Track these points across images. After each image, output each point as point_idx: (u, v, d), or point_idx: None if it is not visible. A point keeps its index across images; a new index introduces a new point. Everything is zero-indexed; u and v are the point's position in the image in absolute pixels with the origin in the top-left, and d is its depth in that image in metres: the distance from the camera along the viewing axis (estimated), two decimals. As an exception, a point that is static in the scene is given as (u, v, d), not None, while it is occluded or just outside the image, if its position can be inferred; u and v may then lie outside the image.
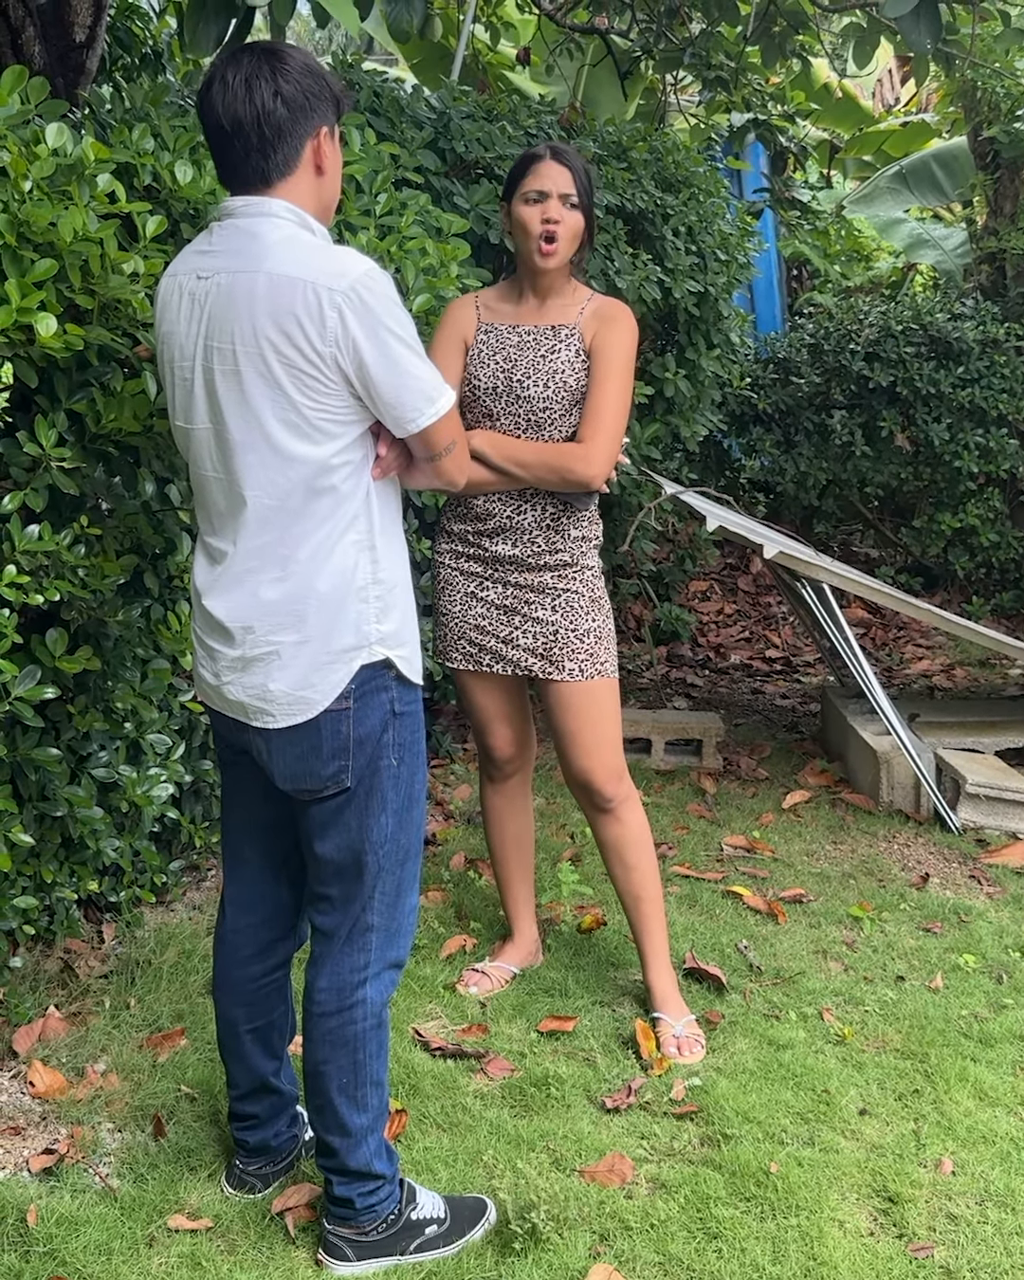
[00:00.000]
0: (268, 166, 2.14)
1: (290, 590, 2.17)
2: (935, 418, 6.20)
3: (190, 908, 3.63)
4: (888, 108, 10.49)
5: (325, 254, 2.13)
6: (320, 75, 2.17)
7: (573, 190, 2.95)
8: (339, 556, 2.17)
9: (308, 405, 2.11)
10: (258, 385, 2.11)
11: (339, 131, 2.27)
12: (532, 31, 7.53)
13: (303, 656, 2.19)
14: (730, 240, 5.02)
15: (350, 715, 2.21)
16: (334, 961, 2.34)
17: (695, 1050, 3.05)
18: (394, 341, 2.11)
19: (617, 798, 3.12)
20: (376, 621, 2.22)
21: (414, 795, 2.33)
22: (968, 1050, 3.08)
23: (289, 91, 2.12)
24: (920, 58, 4.72)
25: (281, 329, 2.08)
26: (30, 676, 2.50)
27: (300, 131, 2.14)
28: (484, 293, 3.15)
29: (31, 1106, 2.80)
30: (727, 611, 6.99)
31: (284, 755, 2.26)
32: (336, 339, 2.07)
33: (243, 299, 2.10)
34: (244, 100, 2.10)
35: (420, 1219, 2.43)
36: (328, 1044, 2.34)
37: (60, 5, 4.11)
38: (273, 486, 2.15)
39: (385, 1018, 2.39)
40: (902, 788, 4.51)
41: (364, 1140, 2.37)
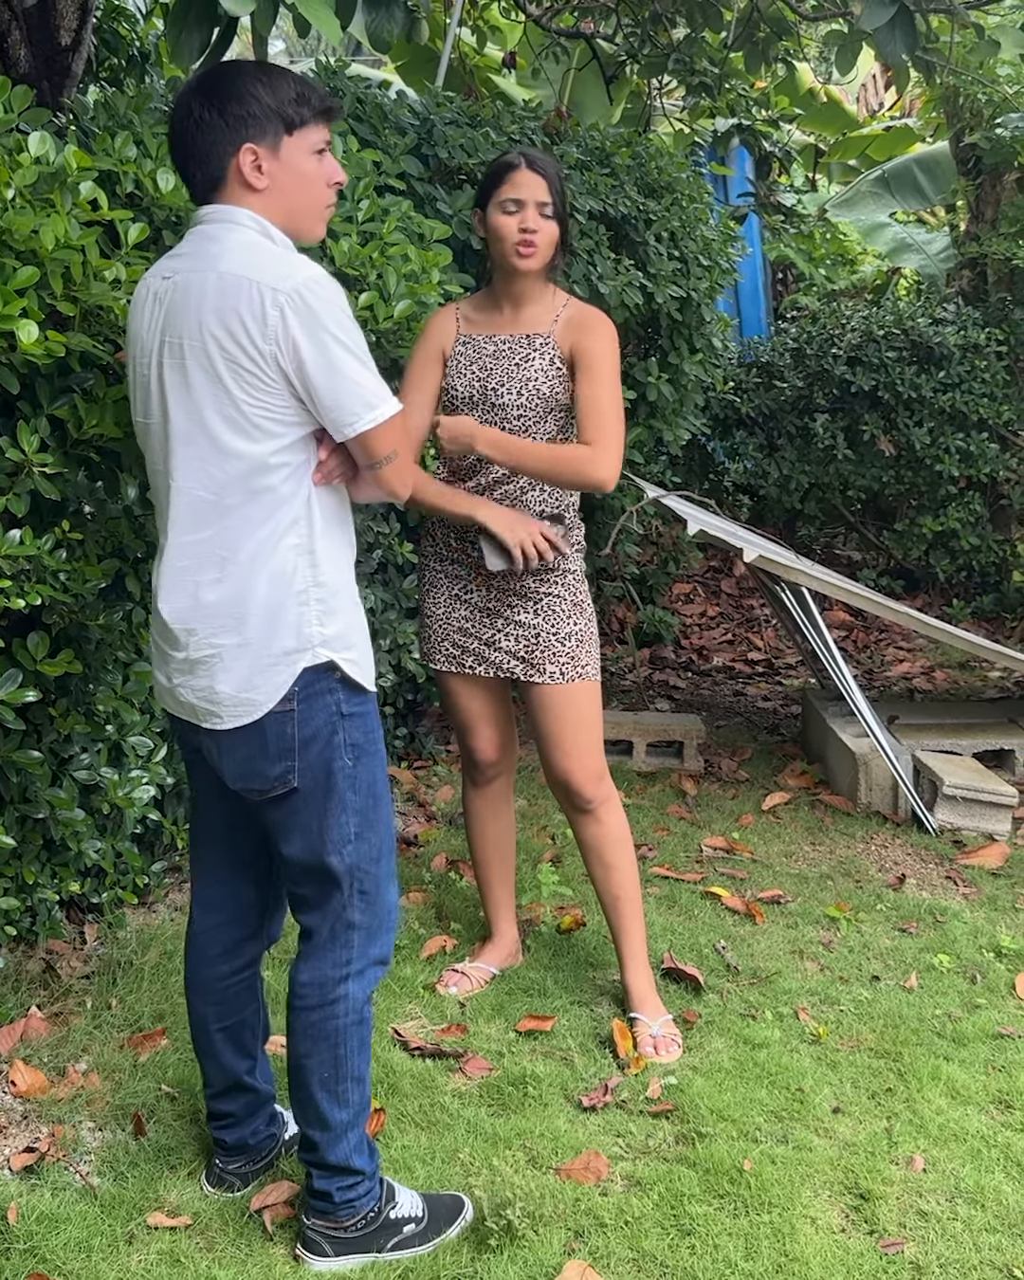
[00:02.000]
0: (193, 183, 2.26)
1: (229, 593, 2.21)
2: (917, 422, 6.25)
3: (172, 909, 3.65)
4: (872, 112, 10.54)
5: (277, 258, 2.18)
6: (250, 97, 2.20)
7: (549, 199, 2.96)
8: (278, 559, 2.20)
9: (247, 401, 2.15)
10: (201, 379, 2.16)
11: (320, 145, 2.27)
12: (518, 36, 7.57)
13: (245, 659, 2.22)
14: (713, 245, 5.05)
15: (294, 716, 2.24)
16: (317, 957, 2.38)
17: (672, 1050, 3.08)
18: (334, 344, 2.13)
19: (596, 799, 3.15)
20: (319, 624, 2.24)
21: (377, 794, 2.36)
22: (941, 1049, 3.11)
23: (204, 114, 2.19)
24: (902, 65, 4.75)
25: (225, 325, 2.13)
26: (11, 679, 2.52)
27: (220, 151, 2.20)
28: (463, 303, 3.18)
29: (13, 1105, 2.82)
30: (709, 614, 7.03)
31: (233, 756, 2.30)
32: (277, 338, 2.11)
33: (194, 296, 2.17)
34: (177, 120, 2.23)
35: (398, 1217, 2.45)
36: (309, 1038, 2.38)
37: (46, 8, 4.12)
38: (209, 479, 2.19)
39: (367, 1014, 2.42)
40: (880, 789, 4.55)
41: (344, 1135, 2.40)
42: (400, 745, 4.87)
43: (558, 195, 2.99)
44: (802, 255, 9.29)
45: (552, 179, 2.98)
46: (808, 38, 6.56)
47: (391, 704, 4.68)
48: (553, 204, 2.97)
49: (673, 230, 4.81)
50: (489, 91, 7.53)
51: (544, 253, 2.99)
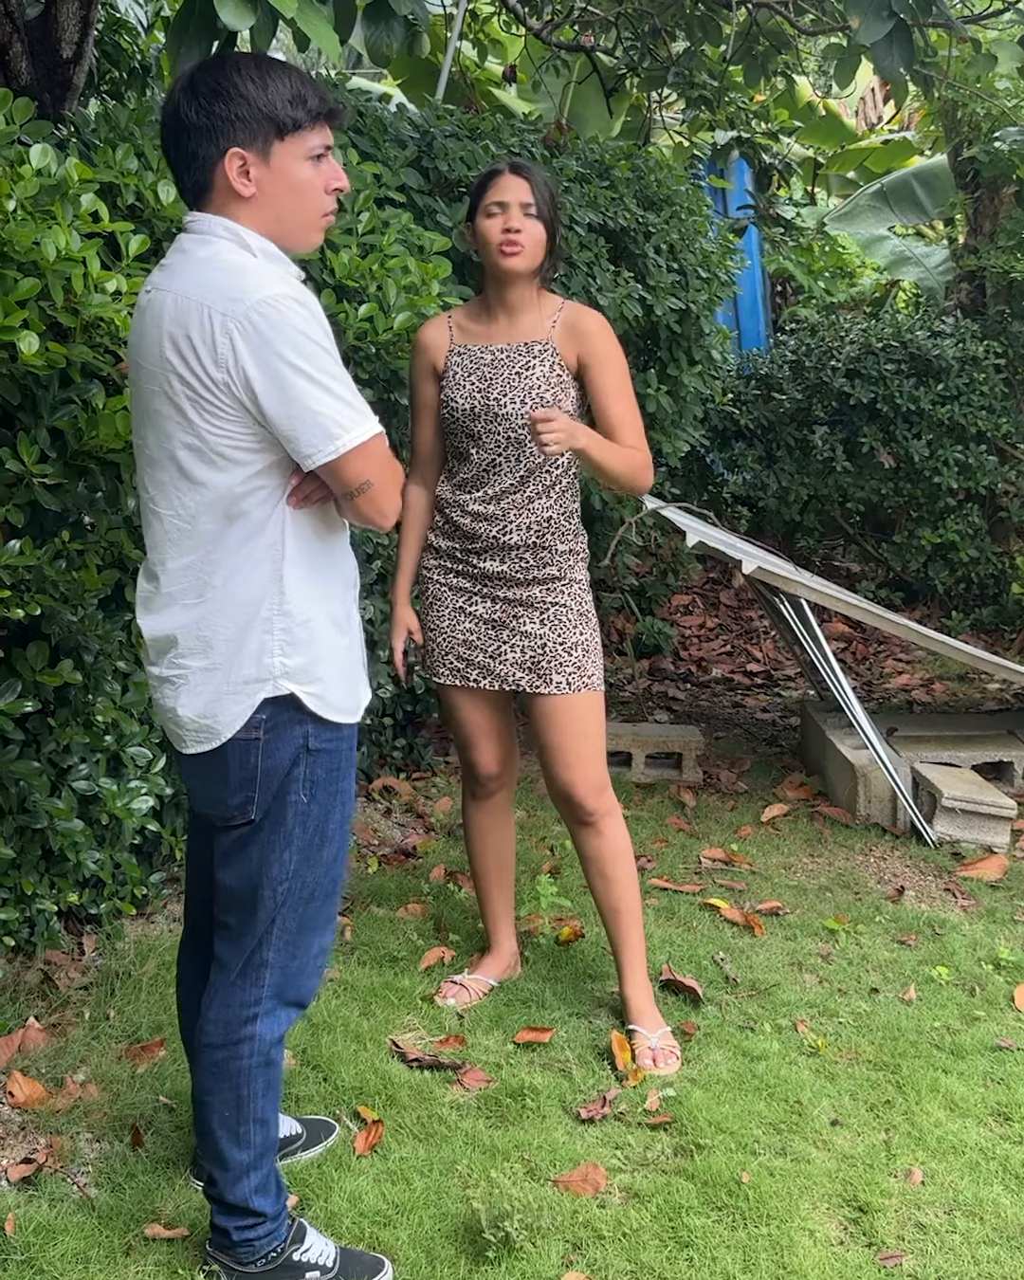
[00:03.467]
0: (182, 188, 2.15)
1: (201, 615, 2.14)
2: (916, 434, 6.26)
3: (171, 920, 3.64)
4: (871, 126, 10.58)
5: (235, 276, 2.04)
6: (239, 97, 2.05)
7: (532, 200, 2.96)
8: (248, 585, 2.12)
9: (208, 430, 2.05)
10: (164, 406, 2.08)
11: (318, 149, 2.12)
12: (518, 49, 7.59)
13: (209, 684, 2.15)
14: (712, 258, 5.07)
15: (260, 746, 2.17)
16: (225, 993, 2.30)
17: (671, 1062, 3.08)
18: (289, 372, 2.00)
19: (598, 811, 3.15)
20: (281, 654, 2.14)
21: (326, 834, 2.27)
22: (939, 1062, 3.11)
23: (190, 115, 2.06)
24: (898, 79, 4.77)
25: (179, 351, 2.03)
26: (10, 690, 2.52)
27: (206, 155, 2.07)
28: (456, 312, 3.18)
29: (11, 1116, 2.81)
30: (708, 626, 7.04)
31: (194, 780, 2.27)
32: (228, 365, 2.00)
33: (153, 318, 2.08)
34: (166, 119, 2.11)
35: (303, 1261, 2.37)
36: (212, 1076, 2.31)
37: (47, 21, 4.14)
38: (182, 507, 2.11)
39: (276, 1056, 2.34)
40: (879, 801, 4.55)
41: (244, 1176, 2.32)
42: (399, 756, 4.87)
43: (543, 197, 2.98)
44: (801, 268, 9.32)
45: (536, 182, 2.98)
46: (807, 51, 6.59)
47: (390, 715, 4.68)
48: (536, 205, 2.97)
49: (672, 243, 4.83)
50: (490, 105, 7.56)
51: (531, 252, 2.98)
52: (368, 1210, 2.56)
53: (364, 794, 4.60)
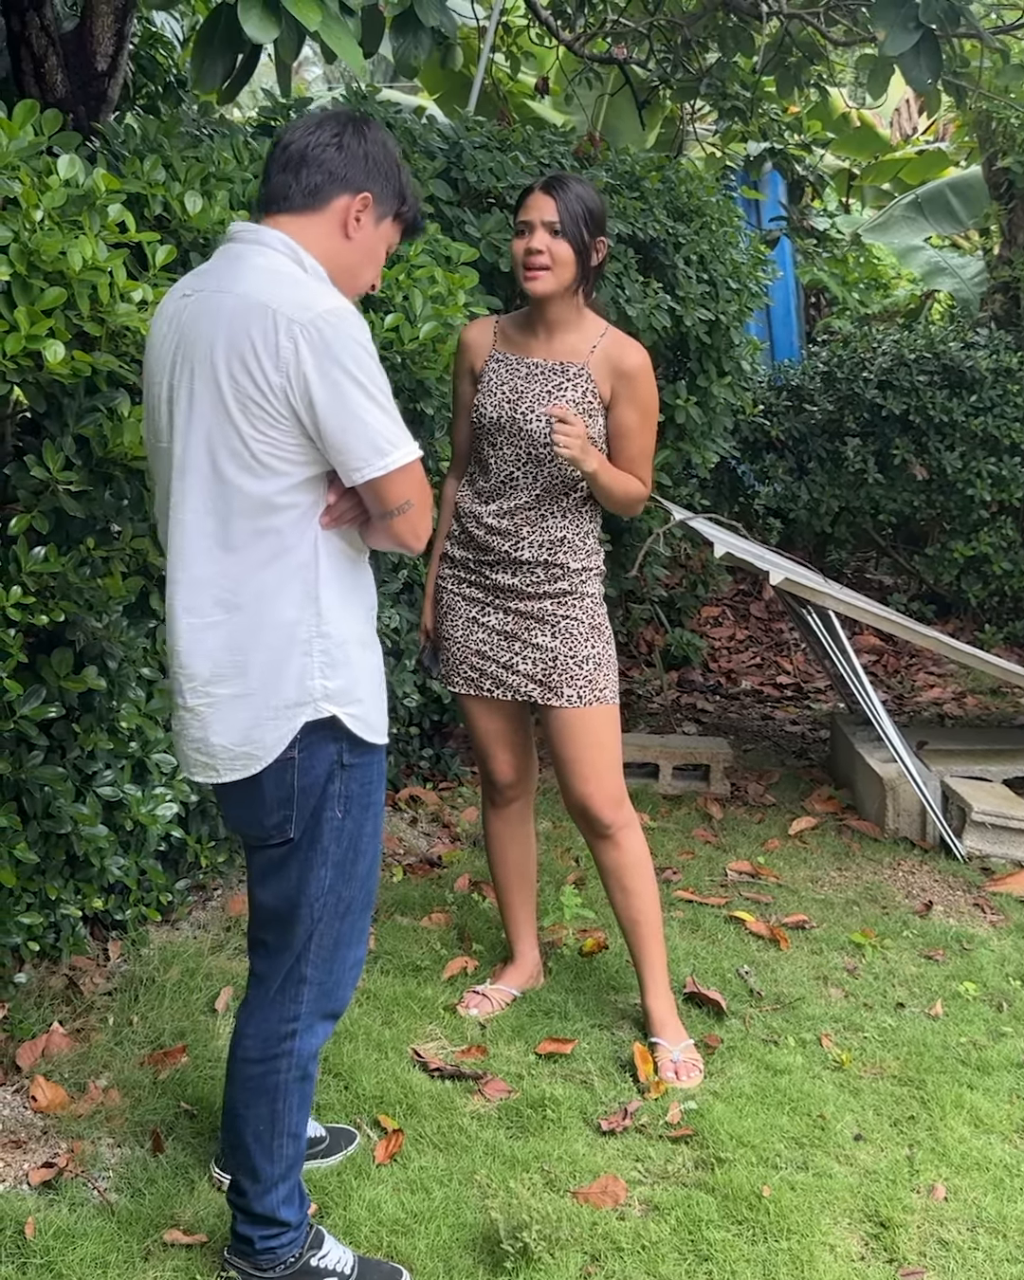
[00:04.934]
0: (291, 189, 2.15)
1: (230, 639, 2.12)
2: (948, 446, 6.22)
3: (195, 926, 3.66)
4: (906, 136, 10.55)
5: (300, 287, 2.08)
6: (393, 162, 2.22)
7: (556, 218, 2.91)
8: (281, 607, 2.10)
9: (253, 436, 2.05)
10: (206, 407, 2.07)
11: (393, 236, 2.28)
12: (551, 61, 7.62)
13: (244, 710, 2.13)
14: (742, 269, 5.06)
15: (295, 765, 2.16)
16: (265, 1009, 2.30)
17: (693, 1075, 3.06)
18: (348, 383, 2.02)
19: (615, 824, 3.14)
20: (322, 677, 2.13)
21: (360, 849, 2.27)
22: (965, 1077, 3.08)
23: (352, 144, 2.17)
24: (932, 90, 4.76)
25: (238, 352, 2.03)
26: (35, 695, 2.54)
27: (339, 176, 2.15)
28: (506, 318, 3.17)
29: (33, 1121, 2.83)
30: (738, 637, 7.01)
31: (230, 803, 2.25)
32: (289, 369, 2.01)
33: (208, 318, 2.08)
34: (311, 131, 2.18)
35: (321, 1267, 2.37)
36: (248, 1090, 2.31)
37: (83, 34, 4.19)
38: (212, 515, 2.09)
39: (312, 1071, 2.35)
40: (908, 815, 4.52)
41: (274, 1188, 2.33)
42: (426, 766, 4.88)
43: (572, 216, 2.91)
44: (835, 279, 9.30)
45: (564, 200, 2.91)
46: (841, 63, 6.59)
47: (417, 724, 4.69)
48: (562, 223, 2.90)
49: (702, 254, 4.82)
50: (522, 117, 7.59)
51: (558, 273, 2.94)
52: (386, 1219, 2.56)
53: (390, 803, 4.61)
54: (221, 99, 2.94)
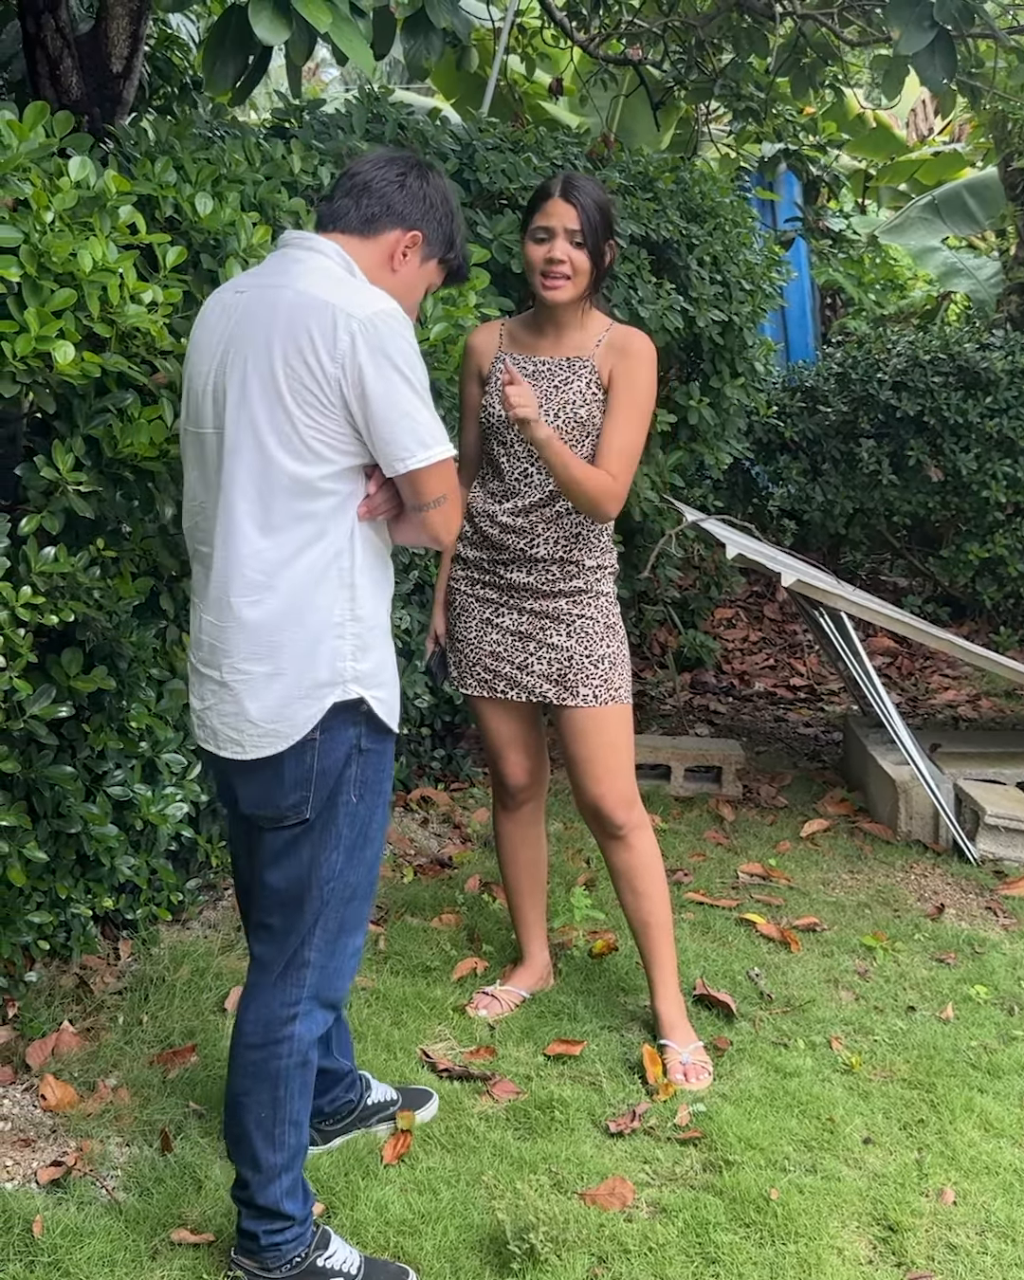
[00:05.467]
0: (351, 213, 2.32)
1: (265, 618, 2.19)
2: (964, 447, 6.19)
3: (206, 926, 3.66)
4: (922, 137, 10.52)
5: (356, 288, 2.22)
6: (448, 210, 2.37)
7: (578, 228, 2.92)
8: (319, 590, 2.20)
9: (304, 421, 2.15)
10: (259, 392, 2.17)
11: (436, 279, 2.43)
12: (566, 63, 7.62)
13: (276, 689, 2.20)
14: (756, 270, 5.05)
15: (316, 746, 2.23)
16: (266, 994, 2.34)
17: (702, 1077, 3.06)
18: (399, 379, 2.15)
19: (627, 824, 3.14)
20: (352, 659, 2.23)
21: (369, 834, 2.34)
22: (975, 1081, 3.07)
23: (414, 184, 2.33)
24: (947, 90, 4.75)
25: (295, 342, 2.14)
26: (45, 695, 2.55)
27: (396, 211, 2.31)
28: (511, 320, 3.19)
29: (42, 1119, 2.84)
30: (752, 639, 7.00)
31: (248, 782, 2.29)
32: (345, 361, 2.13)
33: (266, 310, 2.19)
34: (380, 167, 2.35)
35: (327, 1268, 2.38)
36: (249, 1076, 2.34)
37: (98, 36, 4.21)
38: (257, 495, 2.18)
39: (312, 1058, 2.38)
40: (920, 818, 4.51)
41: (276, 1179, 2.35)
42: (437, 767, 4.88)
43: (592, 226, 2.92)
44: (851, 280, 9.28)
45: (586, 209, 2.92)
46: (856, 65, 6.58)
47: (429, 725, 4.69)
48: (583, 232, 2.92)
49: (715, 255, 4.81)
50: (537, 118, 7.59)
51: (577, 281, 2.96)
52: (393, 1219, 2.56)
53: (402, 804, 4.61)
54: (233, 100, 2.95)
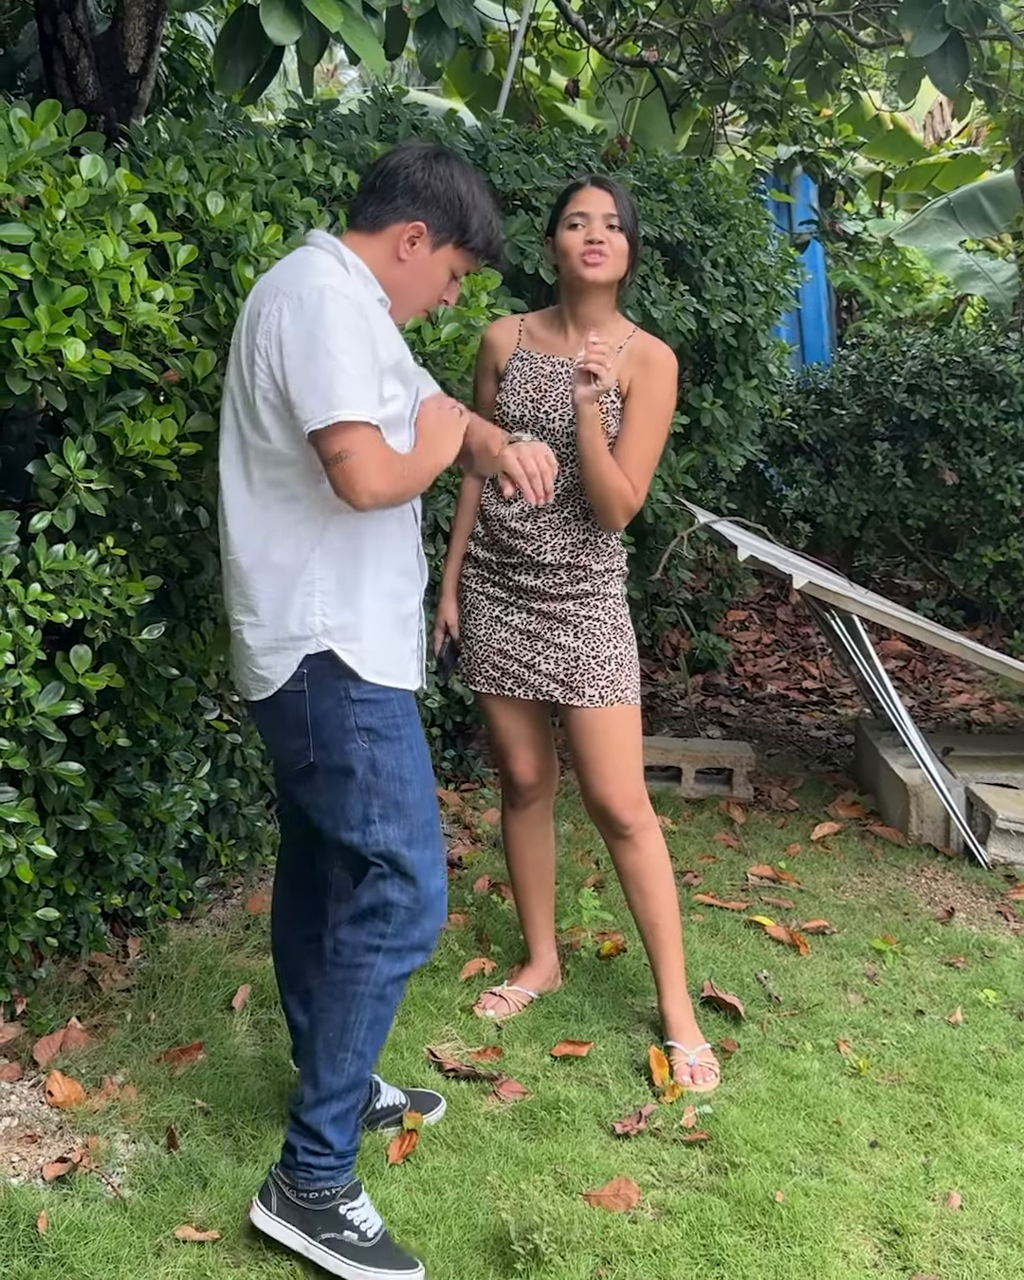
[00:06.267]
0: (362, 211, 2.45)
1: (244, 574, 2.39)
2: (978, 450, 6.17)
3: (215, 924, 3.67)
4: (939, 140, 10.50)
5: (309, 270, 2.32)
6: (456, 195, 2.42)
7: (615, 211, 2.97)
8: (284, 551, 2.35)
9: (258, 397, 2.31)
10: (234, 377, 2.38)
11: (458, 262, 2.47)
12: (582, 64, 7.62)
13: (259, 639, 2.40)
14: (770, 272, 5.04)
15: (306, 697, 2.39)
16: (359, 922, 2.46)
17: (709, 1079, 3.05)
18: (315, 345, 2.24)
19: (634, 825, 3.13)
20: (322, 615, 2.37)
21: (404, 778, 2.44)
22: (983, 1085, 3.06)
23: (418, 176, 2.41)
24: (963, 92, 4.74)
25: (249, 325, 2.33)
26: (53, 692, 2.55)
27: (397, 206, 2.41)
28: (531, 317, 3.19)
29: (49, 1115, 2.84)
30: (765, 641, 6.99)
31: (263, 727, 2.53)
32: (270, 331, 2.28)
33: (244, 308, 2.41)
34: (392, 160, 2.46)
35: (347, 1218, 2.44)
36: (329, 994, 2.48)
37: (114, 36, 4.22)
38: (240, 462, 2.37)
39: (389, 995, 2.47)
40: (932, 821, 4.49)
41: (327, 1102, 2.46)
42: (448, 767, 4.88)
43: (627, 211, 2.99)
44: (867, 282, 9.26)
45: (619, 195, 2.99)
46: (873, 67, 6.56)
47: (439, 725, 4.69)
48: (619, 217, 2.97)
49: (729, 256, 4.81)
50: (553, 120, 7.59)
51: (614, 263, 2.98)
52: (398, 1218, 2.56)
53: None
54: (244, 99, 2.95)
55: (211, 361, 2.64)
